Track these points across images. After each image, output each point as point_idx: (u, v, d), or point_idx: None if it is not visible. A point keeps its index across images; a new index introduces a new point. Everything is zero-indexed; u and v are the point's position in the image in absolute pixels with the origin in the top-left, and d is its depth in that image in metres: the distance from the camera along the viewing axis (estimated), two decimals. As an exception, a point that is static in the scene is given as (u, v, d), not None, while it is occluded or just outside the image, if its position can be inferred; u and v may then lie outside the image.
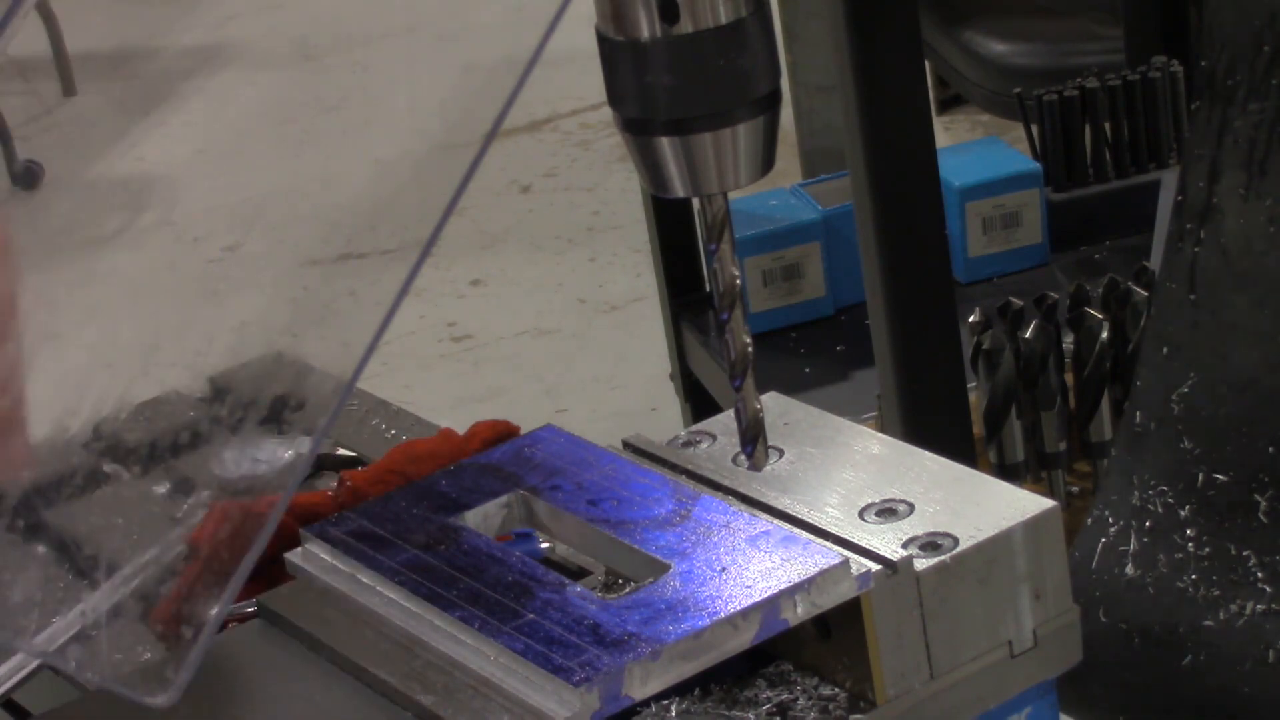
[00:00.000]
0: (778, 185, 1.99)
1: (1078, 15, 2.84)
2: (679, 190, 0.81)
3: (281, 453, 0.75)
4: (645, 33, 0.77)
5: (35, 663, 0.67)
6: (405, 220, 0.79)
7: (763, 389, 0.87)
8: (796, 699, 0.79)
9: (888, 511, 0.82)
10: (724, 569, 0.79)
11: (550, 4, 0.62)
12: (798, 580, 0.77)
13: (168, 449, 0.94)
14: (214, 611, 0.57)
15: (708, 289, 2.08)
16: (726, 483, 0.85)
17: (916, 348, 1.35)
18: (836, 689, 0.80)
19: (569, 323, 2.92)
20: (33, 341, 0.85)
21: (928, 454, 0.85)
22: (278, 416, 0.70)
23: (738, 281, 0.84)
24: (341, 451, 1.18)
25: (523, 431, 0.96)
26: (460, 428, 1.07)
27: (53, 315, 0.97)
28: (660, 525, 0.82)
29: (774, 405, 0.90)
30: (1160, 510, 1.03)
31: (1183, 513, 1.02)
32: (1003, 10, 2.92)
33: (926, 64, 1.83)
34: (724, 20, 0.77)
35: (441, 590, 0.80)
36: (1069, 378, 1.40)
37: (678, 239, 2.09)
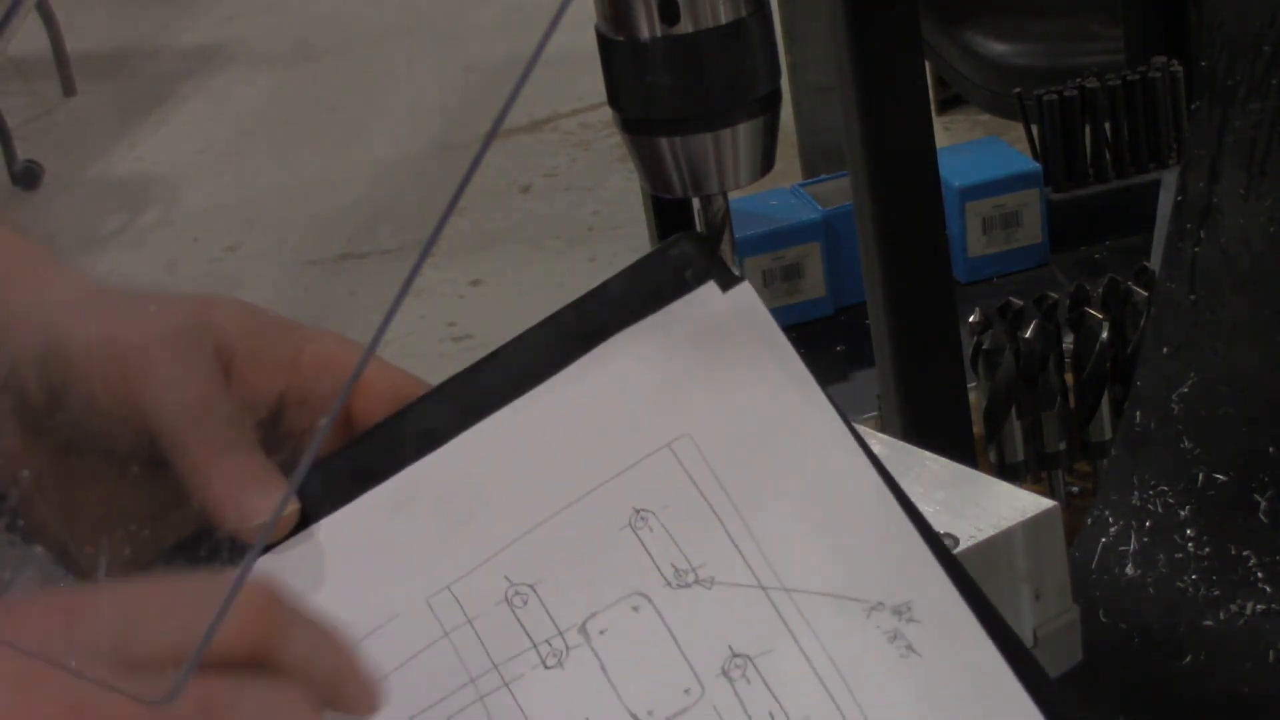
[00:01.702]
0: (778, 185, 1.99)
1: (1078, 15, 2.84)
2: (679, 190, 0.81)
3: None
4: (645, 32, 0.77)
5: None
6: (405, 220, 0.79)
7: (763, 389, 0.87)
8: (796, 699, 0.79)
9: (888, 511, 0.82)
10: (724, 569, 0.79)
11: (550, 4, 0.62)
12: (798, 580, 0.77)
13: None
14: (218, 606, 0.57)
15: (708, 289, 2.08)
16: (727, 483, 0.85)
17: (916, 348, 1.35)
18: (836, 689, 0.80)
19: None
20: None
21: (928, 454, 0.85)
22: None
23: (738, 281, 0.84)
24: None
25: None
26: (460, 428, 1.06)
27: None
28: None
29: (774, 405, 0.90)
30: (1160, 510, 1.03)
31: (1183, 513, 1.02)
32: (1003, 10, 2.92)
33: (926, 64, 1.83)
34: (724, 20, 0.77)
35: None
36: (1069, 378, 1.40)
37: (677, 239, 2.09)
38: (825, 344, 1.91)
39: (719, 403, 0.68)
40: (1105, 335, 1.37)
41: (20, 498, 0.67)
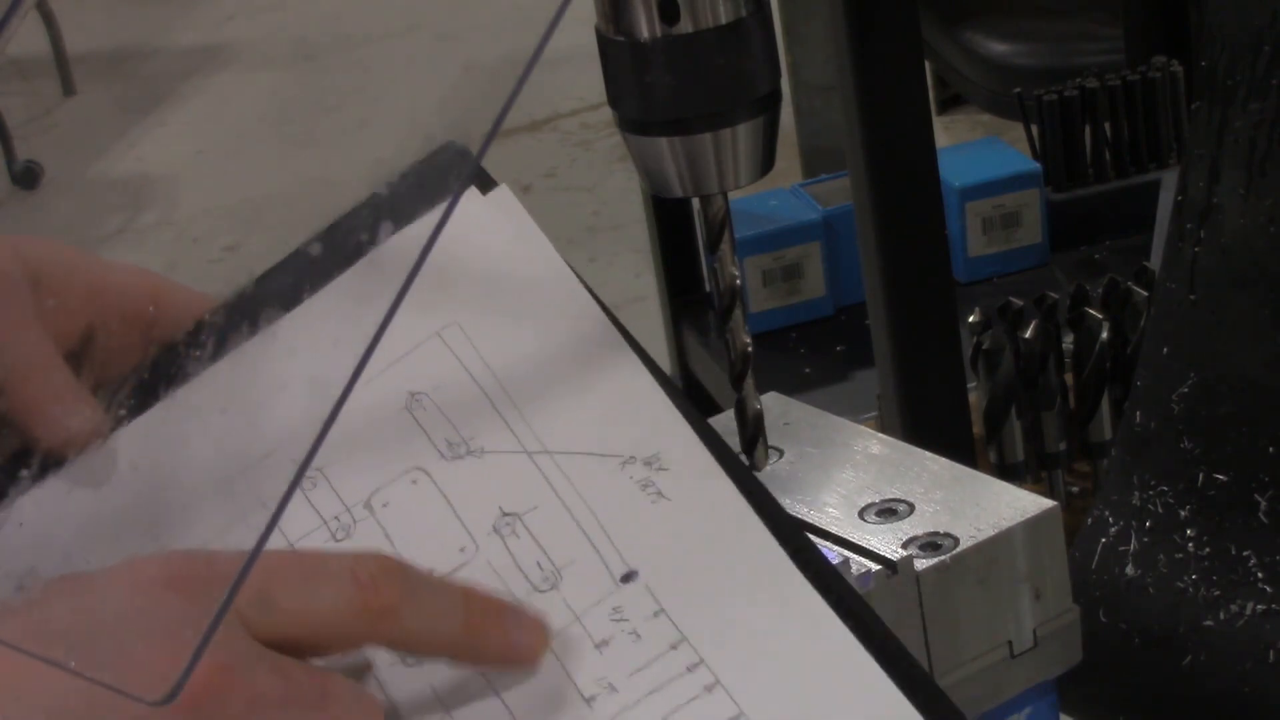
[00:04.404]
0: (778, 185, 1.99)
1: (1078, 15, 2.84)
2: (679, 190, 0.81)
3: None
4: (645, 32, 0.77)
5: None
6: (405, 220, 0.80)
7: (763, 389, 0.87)
8: (796, 699, 0.79)
9: (888, 511, 0.82)
10: (724, 569, 0.79)
11: (550, 4, 0.62)
12: (798, 580, 0.77)
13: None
14: (215, 609, 0.57)
15: (708, 289, 2.08)
16: (726, 483, 0.85)
17: (916, 348, 1.35)
18: (836, 689, 0.80)
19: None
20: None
21: (928, 454, 0.85)
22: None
23: (738, 282, 0.84)
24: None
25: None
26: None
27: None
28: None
29: (774, 405, 0.90)
30: (1160, 510, 1.03)
31: (1183, 513, 1.02)
32: (1003, 10, 2.92)
33: (926, 64, 1.83)
34: (724, 20, 0.77)
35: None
36: (1069, 378, 1.40)
37: (678, 239, 2.09)
38: (825, 344, 1.91)
39: (482, 293, 0.75)
40: (1105, 335, 1.37)
41: None
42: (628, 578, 0.68)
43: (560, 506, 0.69)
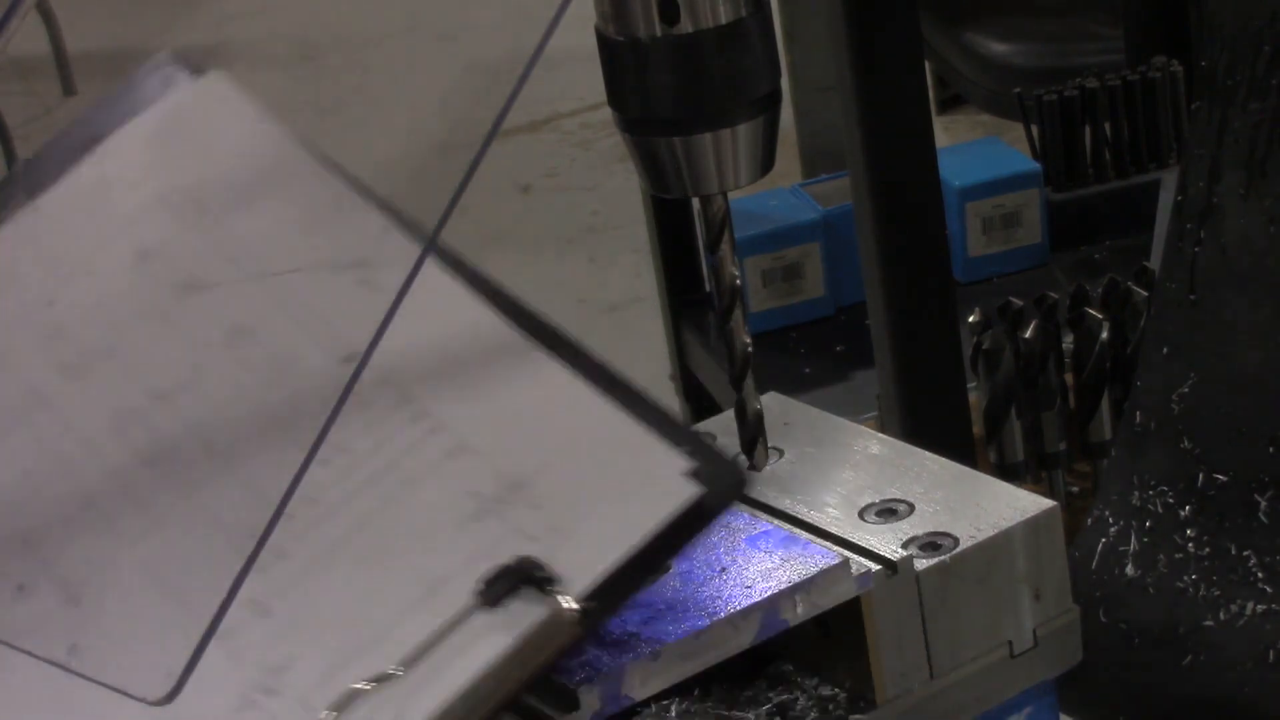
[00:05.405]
0: (778, 185, 1.99)
1: (1078, 15, 2.84)
2: (679, 190, 0.81)
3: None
4: (645, 32, 0.78)
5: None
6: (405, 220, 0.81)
7: (763, 389, 0.87)
8: (796, 699, 0.79)
9: (888, 511, 0.82)
10: (723, 569, 0.79)
11: (550, 4, 0.62)
12: (797, 580, 0.77)
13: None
14: (216, 608, 0.57)
15: (708, 289, 2.08)
16: (726, 483, 0.85)
17: (916, 348, 1.35)
18: (836, 689, 0.80)
19: (569, 323, 2.91)
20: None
21: (928, 454, 0.85)
22: None
23: (737, 282, 0.84)
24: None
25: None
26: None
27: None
28: (660, 525, 0.83)
29: (774, 405, 0.90)
30: (1160, 510, 1.03)
31: (1183, 513, 1.02)
32: (1003, 10, 2.92)
33: (926, 64, 1.82)
34: (724, 20, 0.78)
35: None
36: (1069, 378, 1.40)
37: (678, 239, 2.09)
38: (825, 344, 1.91)
39: (196, 157, 0.85)
40: (1105, 335, 1.37)
41: None
42: (350, 359, 0.74)
43: (286, 317, 0.79)
